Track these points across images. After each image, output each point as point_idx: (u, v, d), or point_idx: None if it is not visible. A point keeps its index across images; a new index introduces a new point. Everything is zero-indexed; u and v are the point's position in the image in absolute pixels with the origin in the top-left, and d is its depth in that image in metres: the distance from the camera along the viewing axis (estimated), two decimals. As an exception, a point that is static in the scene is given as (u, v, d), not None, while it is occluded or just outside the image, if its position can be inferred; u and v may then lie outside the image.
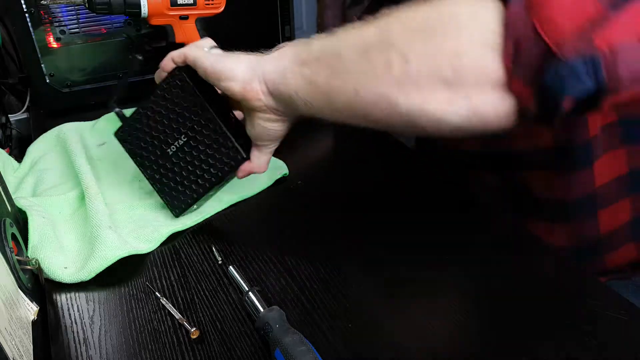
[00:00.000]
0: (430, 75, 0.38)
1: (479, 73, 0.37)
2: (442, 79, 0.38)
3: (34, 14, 0.87)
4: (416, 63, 0.39)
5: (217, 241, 0.60)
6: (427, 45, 0.38)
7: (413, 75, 0.39)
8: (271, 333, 0.44)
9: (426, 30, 0.39)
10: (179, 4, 0.81)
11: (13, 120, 1.00)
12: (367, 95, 0.42)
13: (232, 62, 0.53)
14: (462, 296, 0.50)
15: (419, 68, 0.39)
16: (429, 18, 0.39)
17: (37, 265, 0.54)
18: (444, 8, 0.39)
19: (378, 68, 0.41)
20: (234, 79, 0.51)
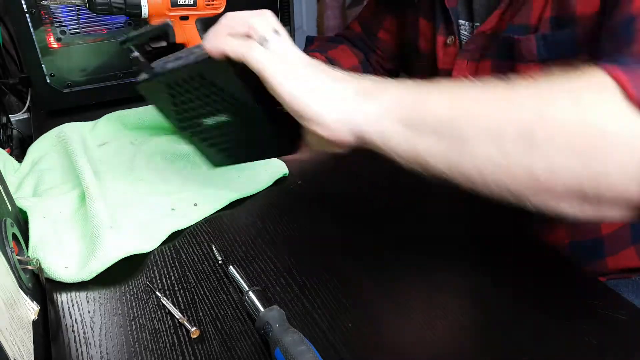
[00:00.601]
0: (570, 190, 0.38)
1: (620, 197, 0.37)
2: (581, 195, 0.37)
3: (34, 14, 0.87)
4: (560, 177, 0.37)
5: (217, 241, 0.60)
6: (575, 161, 0.37)
7: (552, 186, 0.38)
8: (271, 332, 0.44)
9: (575, 145, 0.37)
10: (179, 4, 0.81)
11: (14, 121, 1.00)
12: (492, 182, 0.39)
13: (319, 104, 0.43)
14: (462, 296, 0.50)
15: (562, 182, 0.37)
16: (579, 132, 0.37)
17: (37, 265, 0.54)
18: (593, 119, 0.37)
19: (516, 168, 0.38)
20: (321, 125, 0.43)
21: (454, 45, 0.71)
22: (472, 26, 0.70)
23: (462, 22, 0.71)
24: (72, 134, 0.79)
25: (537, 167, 0.38)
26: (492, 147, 0.38)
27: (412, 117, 0.41)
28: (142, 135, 0.84)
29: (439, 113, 0.41)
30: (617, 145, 0.36)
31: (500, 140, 0.38)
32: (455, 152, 0.40)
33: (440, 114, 0.40)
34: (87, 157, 0.73)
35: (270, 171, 0.72)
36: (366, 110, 0.42)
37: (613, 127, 0.37)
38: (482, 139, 0.39)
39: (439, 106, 0.41)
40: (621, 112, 0.37)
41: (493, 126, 0.39)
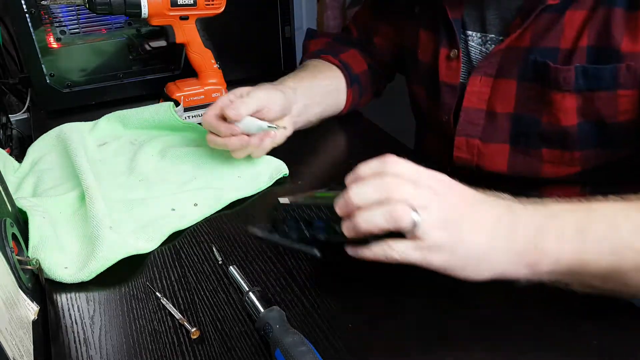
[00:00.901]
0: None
1: None
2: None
3: (34, 14, 0.87)
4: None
5: (217, 241, 0.60)
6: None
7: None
8: (271, 333, 0.44)
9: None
10: (179, 4, 0.81)
11: (13, 121, 1.00)
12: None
13: (482, 274, 0.44)
14: (462, 296, 0.50)
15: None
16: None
17: (37, 265, 0.54)
18: None
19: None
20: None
21: (457, 59, 0.71)
22: (485, 38, 0.69)
23: (470, 33, 0.70)
24: (72, 134, 0.79)
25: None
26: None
27: (574, 272, 0.43)
28: (142, 135, 0.83)
29: (601, 267, 0.43)
30: None
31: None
32: (619, 290, 0.44)
33: (603, 267, 0.43)
34: (87, 157, 0.73)
35: (270, 171, 0.72)
36: (524, 274, 0.44)
37: None
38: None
39: (600, 259, 0.42)
40: None
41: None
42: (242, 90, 0.70)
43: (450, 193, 0.44)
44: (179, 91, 0.88)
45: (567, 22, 0.60)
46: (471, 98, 0.70)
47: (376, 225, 0.42)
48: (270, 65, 1.11)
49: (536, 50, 0.63)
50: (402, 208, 0.41)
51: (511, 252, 0.43)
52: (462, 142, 0.72)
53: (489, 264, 0.44)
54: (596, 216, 0.44)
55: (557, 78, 0.61)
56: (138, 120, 0.86)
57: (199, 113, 0.90)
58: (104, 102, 0.96)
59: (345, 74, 0.83)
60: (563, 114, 0.63)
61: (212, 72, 0.90)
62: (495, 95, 0.68)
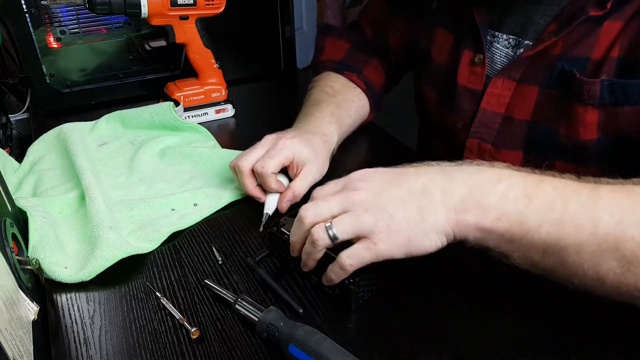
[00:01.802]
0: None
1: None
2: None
3: (34, 14, 0.87)
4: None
5: (217, 241, 0.60)
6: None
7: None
8: (277, 332, 0.44)
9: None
10: (179, 4, 0.81)
11: (13, 121, 1.00)
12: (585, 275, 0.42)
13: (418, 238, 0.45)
14: (461, 295, 0.50)
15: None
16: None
17: (37, 265, 0.54)
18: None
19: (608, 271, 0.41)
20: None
21: (482, 65, 0.68)
22: (515, 41, 0.66)
23: (497, 35, 0.67)
24: (71, 134, 0.79)
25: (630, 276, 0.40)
26: (590, 268, 0.41)
27: (515, 237, 0.43)
28: (142, 135, 0.84)
29: (541, 237, 0.42)
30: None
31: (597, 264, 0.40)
32: (557, 269, 0.43)
33: (543, 238, 0.42)
34: (87, 157, 0.73)
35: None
36: (470, 231, 0.44)
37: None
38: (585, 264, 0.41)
39: (541, 228, 0.42)
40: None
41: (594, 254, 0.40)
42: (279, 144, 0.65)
43: (371, 181, 0.46)
44: (179, 91, 0.88)
45: (603, 33, 0.57)
46: (490, 100, 0.67)
47: (308, 254, 0.47)
48: (270, 65, 1.11)
49: (566, 58, 0.60)
50: (315, 230, 0.45)
51: (449, 211, 0.44)
52: (474, 145, 0.71)
53: (431, 228, 0.44)
54: (545, 186, 0.43)
55: (581, 90, 0.59)
56: (138, 120, 0.86)
57: (198, 113, 0.90)
58: (104, 102, 0.96)
59: (369, 98, 0.82)
60: (583, 127, 0.60)
61: (212, 72, 0.90)
62: (515, 100, 0.66)
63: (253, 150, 0.65)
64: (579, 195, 0.41)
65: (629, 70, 0.56)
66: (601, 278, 0.41)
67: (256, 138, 0.67)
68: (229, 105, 0.93)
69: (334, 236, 0.45)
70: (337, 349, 0.42)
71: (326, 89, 0.80)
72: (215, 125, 0.90)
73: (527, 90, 0.64)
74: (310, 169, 0.65)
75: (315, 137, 0.69)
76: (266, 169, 0.62)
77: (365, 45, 0.88)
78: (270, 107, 1.04)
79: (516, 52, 0.66)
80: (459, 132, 0.73)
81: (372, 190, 0.45)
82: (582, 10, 0.58)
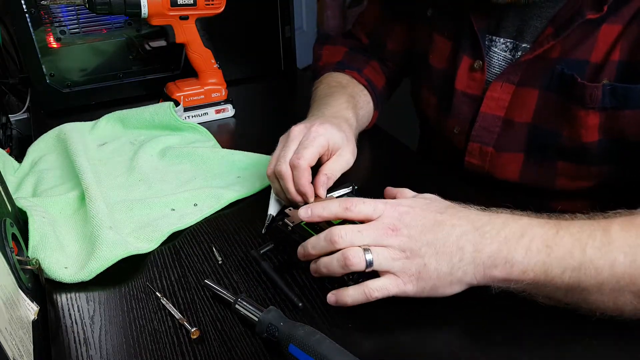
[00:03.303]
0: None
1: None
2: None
3: (34, 14, 0.87)
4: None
5: (217, 241, 0.60)
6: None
7: None
8: (277, 332, 0.44)
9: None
10: (179, 4, 0.81)
11: (13, 120, 1.00)
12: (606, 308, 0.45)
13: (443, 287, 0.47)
14: (461, 296, 0.50)
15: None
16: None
17: (37, 265, 0.54)
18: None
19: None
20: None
21: (481, 71, 0.68)
22: (513, 44, 0.66)
23: (495, 39, 0.67)
24: (71, 134, 0.79)
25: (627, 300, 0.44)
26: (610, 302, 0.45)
27: (540, 284, 0.45)
28: (142, 135, 0.84)
29: (564, 281, 0.44)
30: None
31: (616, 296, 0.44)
32: (579, 305, 0.46)
33: (566, 282, 0.44)
34: (87, 157, 0.73)
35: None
36: (494, 283, 0.47)
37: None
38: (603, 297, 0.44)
39: (564, 274, 0.44)
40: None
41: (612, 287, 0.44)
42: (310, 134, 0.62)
43: (409, 224, 0.47)
44: (179, 91, 0.88)
45: (601, 36, 0.57)
46: (490, 104, 0.67)
47: (333, 271, 0.47)
48: (270, 65, 1.11)
49: (564, 61, 0.60)
50: (353, 252, 0.46)
51: (478, 267, 0.46)
52: (476, 148, 0.71)
53: (457, 280, 0.46)
54: (563, 234, 0.45)
55: (583, 95, 0.59)
56: (138, 120, 0.86)
57: (198, 113, 0.90)
58: (104, 102, 0.96)
59: (372, 97, 0.81)
60: (585, 130, 0.61)
61: (212, 72, 0.90)
62: (514, 103, 0.65)
63: (285, 147, 0.61)
64: (594, 240, 0.44)
65: (630, 74, 0.56)
66: (620, 309, 0.45)
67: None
68: (229, 105, 0.93)
69: (370, 263, 0.46)
70: (337, 349, 0.42)
71: (333, 83, 0.79)
72: (215, 125, 0.90)
73: (527, 93, 0.64)
74: (344, 153, 0.64)
75: (341, 122, 0.68)
76: (302, 160, 0.58)
77: (363, 51, 0.88)
78: (270, 107, 1.04)
79: (514, 55, 0.66)
80: (456, 136, 0.73)
81: (410, 235, 0.47)
82: (579, 12, 0.58)
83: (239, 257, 0.57)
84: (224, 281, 0.54)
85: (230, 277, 0.55)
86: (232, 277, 0.55)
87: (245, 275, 0.55)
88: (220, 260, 0.57)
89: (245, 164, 0.74)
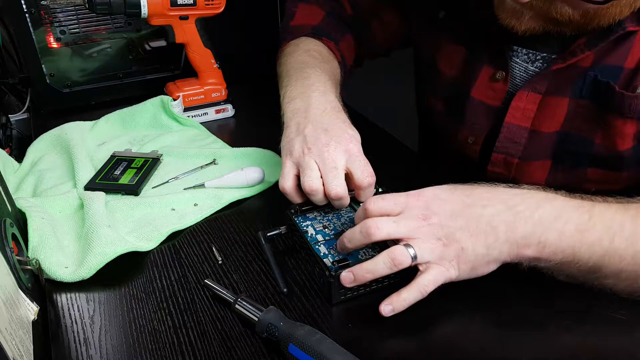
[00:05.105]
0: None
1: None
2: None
3: (34, 14, 0.87)
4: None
5: (217, 241, 0.60)
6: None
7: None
8: (277, 332, 0.44)
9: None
10: (179, 4, 0.81)
11: (13, 121, 0.99)
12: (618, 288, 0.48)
13: (481, 268, 0.48)
14: (461, 296, 0.50)
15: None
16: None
17: (37, 266, 0.54)
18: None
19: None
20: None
21: (504, 81, 0.65)
22: (535, 55, 0.63)
23: (516, 49, 0.64)
24: (71, 134, 0.79)
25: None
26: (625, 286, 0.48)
27: (566, 264, 0.47)
28: (142, 135, 0.84)
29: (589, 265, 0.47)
30: None
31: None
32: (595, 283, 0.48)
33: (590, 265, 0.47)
34: (87, 157, 0.73)
35: (271, 171, 0.72)
36: (526, 260, 0.48)
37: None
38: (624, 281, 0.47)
39: (590, 258, 0.46)
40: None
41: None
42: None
43: (439, 211, 0.48)
44: (178, 91, 0.88)
45: (637, 42, 0.56)
46: (515, 114, 0.64)
47: (380, 274, 0.47)
48: (270, 65, 1.10)
49: (597, 67, 0.58)
50: (398, 251, 0.46)
51: (512, 246, 0.47)
52: (500, 159, 0.68)
53: (494, 259, 0.48)
54: (596, 221, 0.47)
55: (622, 104, 0.57)
56: (137, 120, 0.86)
57: (198, 113, 0.90)
58: (104, 102, 0.96)
59: (342, 73, 0.76)
60: (621, 138, 0.59)
61: (212, 72, 0.90)
62: (541, 113, 0.63)
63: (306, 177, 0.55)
64: (622, 230, 0.46)
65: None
66: (635, 290, 0.48)
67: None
68: (229, 105, 0.93)
69: (414, 257, 0.47)
70: (337, 349, 0.42)
71: (314, 53, 0.73)
72: (215, 125, 0.90)
73: (555, 102, 0.62)
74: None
75: (345, 116, 0.62)
76: (341, 192, 0.54)
77: (341, 18, 0.82)
78: (270, 107, 1.03)
79: (535, 64, 0.63)
80: (470, 146, 0.71)
81: (442, 220, 0.48)
82: (619, 24, 0.55)
83: (239, 257, 0.57)
84: (223, 281, 0.54)
85: (230, 277, 0.55)
86: (232, 277, 0.55)
87: (245, 275, 0.55)
88: (220, 260, 0.57)
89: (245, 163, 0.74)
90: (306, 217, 0.58)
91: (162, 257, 0.58)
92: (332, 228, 0.56)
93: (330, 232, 0.56)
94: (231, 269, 0.56)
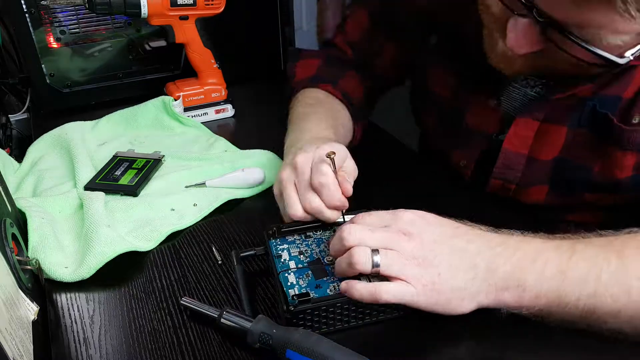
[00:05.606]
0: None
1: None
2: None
3: (34, 14, 0.87)
4: None
5: (217, 241, 0.60)
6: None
7: None
8: (272, 340, 0.43)
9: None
10: (179, 4, 0.81)
11: (13, 121, 1.00)
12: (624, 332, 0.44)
13: (455, 302, 0.45)
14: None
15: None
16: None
17: (37, 265, 0.54)
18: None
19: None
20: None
21: (498, 108, 0.65)
22: (530, 81, 0.63)
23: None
24: (72, 134, 0.79)
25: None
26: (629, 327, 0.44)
27: (553, 309, 0.44)
28: (142, 135, 0.84)
29: (579, 307, 0.44)
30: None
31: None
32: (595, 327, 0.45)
33: (580, 308, 0.44)
34: (88, 156, 0.73)
35: (271, 171, 0.72)
36: (505, 305, 0.46)
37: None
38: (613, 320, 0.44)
39: (579, 300, 0.44)
40: None
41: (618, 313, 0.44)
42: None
43: (424, 231, 0.46)
44: (178, 91, 0.89)
45: (638, 73, 0.55)
46: (513, 140, 0.63)
47: (342, 272, 0.46)
48: (270, 65, 1.11)
49: (596, 97, 0.57)
50: (357, 252, 0.44)
51: (490, 287, 0.45)
52: (498, 185, 0.67)
53: (471, 296, 0.45)
54: (577, 259, 0.44)
55: (621, 137, 0.56)
56: (138, 120, 0.86)
57: (198, 113, 0.90)
58: (104, 102, 0.96)
59: (349, 110, 0.76)
60: (619, 169, 0.58)
61: (212, 72, 0.90)
62: (539, 140, 0.62)
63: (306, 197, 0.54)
64: (608, 264, 0.44)
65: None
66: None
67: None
68: (228, 105, 0.93)
69: (376, 264, 0.44)
70: (337, 347, 0.41)
71: (310, 101, 0.74)
72: (215, 126, 0.90)
73: (553, 130, 0.61)
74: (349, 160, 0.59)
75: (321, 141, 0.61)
76: (344, 202, 0.54)
77: (341, 61, 0.82)
78: (270, 107, 1.03)
79: (535, 89, 0.63)
80: (462, 169, 0.71)
81: (423, 241, 0.45)
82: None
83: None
84: (223, 281, 0.54)
85: (230, 277, 0.55)
86: (232, 277, 0.55)
87: (246, 276, 0.55)
88: (220, 260, 0.57)
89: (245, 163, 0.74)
90: (284, 240, 0.54)
91: (162, 257, 0.58)
92: (308, 254, 0.52)
93: (305, 259, 0.52)
94: (231, 268, 0.56)
